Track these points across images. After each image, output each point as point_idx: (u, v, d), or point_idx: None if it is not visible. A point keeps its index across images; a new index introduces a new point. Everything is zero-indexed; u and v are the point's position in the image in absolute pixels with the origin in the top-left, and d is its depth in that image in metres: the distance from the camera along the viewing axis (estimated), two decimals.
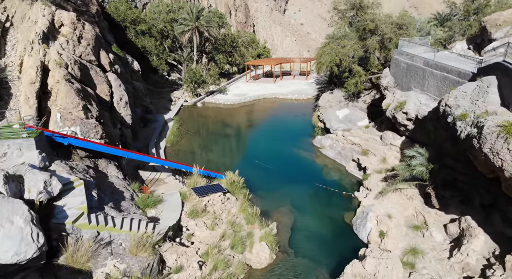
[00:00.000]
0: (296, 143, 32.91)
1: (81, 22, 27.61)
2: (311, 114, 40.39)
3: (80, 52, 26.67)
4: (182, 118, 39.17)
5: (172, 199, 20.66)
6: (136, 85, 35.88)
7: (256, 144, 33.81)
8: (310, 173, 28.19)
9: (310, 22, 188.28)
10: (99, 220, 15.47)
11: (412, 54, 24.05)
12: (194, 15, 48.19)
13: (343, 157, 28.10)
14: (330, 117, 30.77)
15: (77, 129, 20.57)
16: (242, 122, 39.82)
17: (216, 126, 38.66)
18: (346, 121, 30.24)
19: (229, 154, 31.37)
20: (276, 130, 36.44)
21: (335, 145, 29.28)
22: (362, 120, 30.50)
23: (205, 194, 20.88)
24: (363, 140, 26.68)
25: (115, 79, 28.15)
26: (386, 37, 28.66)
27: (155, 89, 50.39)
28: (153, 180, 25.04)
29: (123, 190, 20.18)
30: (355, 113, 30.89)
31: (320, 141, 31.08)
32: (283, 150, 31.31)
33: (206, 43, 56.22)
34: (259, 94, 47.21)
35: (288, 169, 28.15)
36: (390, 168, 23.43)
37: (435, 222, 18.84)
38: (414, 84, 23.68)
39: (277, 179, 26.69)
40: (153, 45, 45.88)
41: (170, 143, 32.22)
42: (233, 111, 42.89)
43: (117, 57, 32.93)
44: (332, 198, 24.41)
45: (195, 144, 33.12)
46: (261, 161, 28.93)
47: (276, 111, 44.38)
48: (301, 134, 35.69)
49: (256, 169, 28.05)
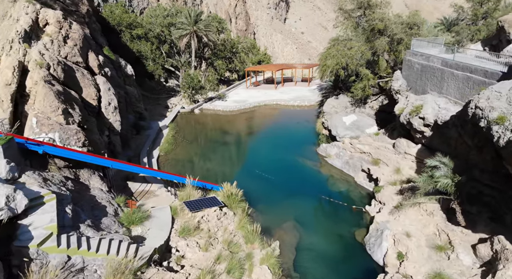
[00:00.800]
0: (299, 151, 30.64)
1: (67, 21, 25.62)
2: (315, 121, 38.20)
3: (66, 53, 24.62)
4: (178, 125, 36.98)
5: (161, 214, 18.31)
6: (129, 90, 33.79)
7: (256, 152, 31.55)
8: (315, 184, 25.88)
9: (310, 31, 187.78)
10: (71, 242, 13.13)
11: (428, 54, 21.94)
12: (192, 19, 46.39)
13: (351, 167, 25.79)
14: (336, 123, 28.56)
15: (55, 135, 18.35)
16: (241, 130, 37.62)
17: (214, 133, 36.45)
18: (354, 128, 28.01)
19: (227, 164, 29.09)
20: (277, 138, 34.20)
21: (342, 153, 26.99)
22: (371, 127, 28.27)
23: (198, 209, 18.54)
24: (373, 149, 24.41)
25: (104, 82, 26.04)
26: (396, 38, 26.62)
27: (151, 96, 48.32)
28: (142, 192, 22.75)
29: (106, 205, 17.85)
30: (363, 120, 28.68)
31: (325, 150, 28.80)
32: (285, 159, 29.02)
33: (205, 48, 54.38)
34: (259, 101, 45.10)
35: (291, 180, 25.84)
36: (405, 180, 21.10)
37: (461, 242, 16.44)
38: (431, 87, 21.50)
39: (279, 191, 24.38)
40: (149, 49, 43.92)
41: (164, 151, 29.96)
42: (232, 118, 40.73)
43: (108, 60, 30.89)
44: (340, 212, 22.05)
45: (191, 152, 30.85)
46: (262, 171, 26.63)
47: (277, 118, 42.20)
48: (304, 142, 33.43)
49: (256, 180, 25.74)
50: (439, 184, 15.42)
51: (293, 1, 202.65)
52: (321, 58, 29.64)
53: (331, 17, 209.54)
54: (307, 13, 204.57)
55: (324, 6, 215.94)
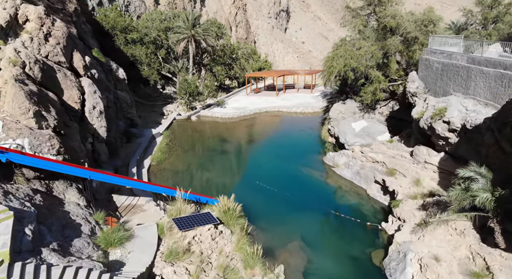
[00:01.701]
0: (304, 161, 28.07)
1: (50, 18, 23.39)
2: (319, 129, 35.74)
3: (47, 52, 22.31)
4: (174, 133, 34.50)
5: (146, 234, 15.68)
6: (121, 95, 31.43)
7: (257, 162, 28.98)
8: (323, 197, 23.27)
9: (311, 40, 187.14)
10: (26, 272, 10.51)
11: (450, 52, 19.57)
12: (190, 22, 44.37)
13: (362, 178, 23.19)
14: (345, 130, 26.05)
15: (24, 141, 15.85)
16: (241, 138, 35.12)
17: (212, 141, 33.93)
18: (364, 135, 25.51)
19: (225, 174, 26.50)
20: (280, 146, 31.67)
21: (351, 163, 24.42)
22: (383, 133, 25.77)
23: (190, 227, 15.90)
24: (388, 157, 21.86)
25: (89, 84, 23.67)
26: (410, 37, 24.30)
27: (147, 102, 45.99)
28: (128, 207, 20.14)
29: (81, 223, 15.25)
30: (373, 126, 26.19)
31: (332, 159, 26.25)
32: (288, 169, 26.45)
33: (204, 54, 52.32)
34: (260, 107, 42.71)
35: (296, 192, 23.21)
36: (427, 193, 18.48)
37: (502, 267, 13.76)
38: (454, 87, 19.06)
39: (282, 205, 21.75)
40: (144, 53, 41.71)
41: (156, 161, 27.41)
42: (232, 126, 38.27)
43: (97, 62, 28.64)
44: (352, 229, 19.38)
45: (186, 162, 28.29)
46: (263, 182, 24.06)
47: (279, 125, 39.77)
48: (309, 150, 30.89)
49: (257, 192, 23.16)
50: (478, 199, 12.81)
51: (293, 11, 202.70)
52: (327, 59, 27.29)
53: (332, 27, 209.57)
54: (308, 23, 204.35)
55: (324, 16, 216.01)
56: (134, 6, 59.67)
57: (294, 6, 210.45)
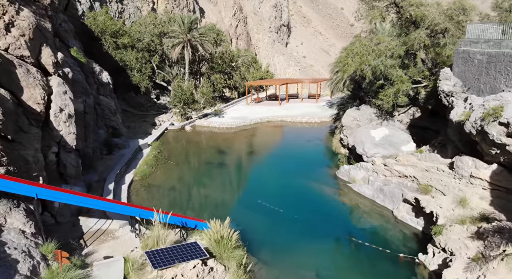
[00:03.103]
0: (313, 175, 24.03)
1: (15, 6, 19.80)
2: (328, 139, 31.80)
3: (7, 44, 18.59)
4: (164, 144, 30.55)
5: (109, 273, 11.53)
6: (104, 100, 27.66)
7: (258, 176, 24.90)
8: (339, 219, 19.15)
9: (313, 55, 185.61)
10: None
11: (498, 40, 15.81)
12: (186, 26, 41.09)
13: (387, 196, 19.07)
14: (363, 139, 22.06)
15: None
16: (240, 149, 31.14)
17: (207, 153, 29.90)
18: (386, 144, 21.52)
19: (221, 191, 22.43)
20: (284, 159, 27.66)
21: (372, 178, 20.35)
22: (407, 143, 21.79)
23: (168, 264, 11.74)
24: (419, 171, 17.80)
25: (59, 84, 19.87)
26: (439, 28, 20.64)
27: (138, 112, 42.27)
28: (98, 232, 16.10)
29: (19, 258, 11.12)
30: (396, 134, 22.23)
31: (348, 173, 22.20)
32: (296, 186, 22.39)
33: (201, 63, 48.93)
34: (262, 117, 38.89)
35: (306, 214, 19.10)
36: (478, 216, 14.35)
37: None
38: (507, 82, 15.21)
39: (290, 230, 17.62)
40: (134, 58, 38.13)
41: (140, 175, 23.36)
42: (230, 136, 34.33)
43: (75, 62, 25.02)
44: (380, 262, 15.19)
45: (175, 176, 24.22)
46: (266, 200, 19.97)
47: (283, 136, 35.88)
48: (318, 163, 26.88)
49: (259, 214, 19.05)
50: None
51: (294, 27, 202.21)
52: (340, 58, 23.46)
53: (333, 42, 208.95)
54: (309, 37, 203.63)
55: (325, 31, 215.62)
56: (129, 13, 56.77)
57: (295, 21, 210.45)
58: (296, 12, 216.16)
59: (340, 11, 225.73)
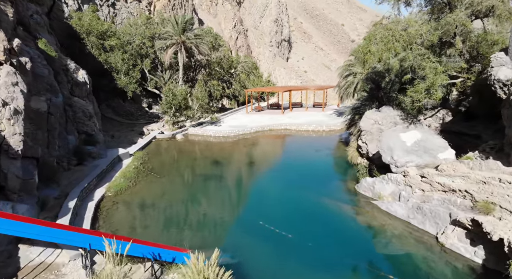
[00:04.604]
0: (327, 190, 19.61)
1: None
2: (340, 149, 27.51)
3: None
4: (150, 154, 26.24)
5: None
6: (78, 102, 23.54)
7: (259, 192, 20.45)
8: (364, 248, 14.58)
9: (314, 70, 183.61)
10: None
11: None
12: (180, 26, 37.42)
13: (427, 217, 14.61)
14: (390, 144, 17.71)
15: None
16: (238, 160, 26.75)
17: (199, 164, 25.50)
18: (420, 150, 17.17)
19: (212, 210, 17.96)
20: (290, 171, 23.28)
21: (405, 193, 15.93)
22: (445, 150, 17.43)
23: None
24: (474, 183, 13.41)
25: (8, 73, 15.75)
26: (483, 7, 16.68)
27: (125, 121, 38.18)
28: (40, 267, 11.66)
29: None
30: (430, 138, 17.90)
31: (371, 187, 17.78)
32: (306, 204, 17.95)
33: (198, 69, 45.13)
34: (263, 125, 34.70)
35: (322, 241, 14.60)
36: None
37: None
38: None
39: (302, 262, 13.08)
40: (120, 58, 34.18)
41: (114, 190, 18.96)
42: (227, 146, 30.01)
43: (41, 54, 21.03)
44: None
45: (157, 191, 19.78)
46: (270, 222, 15.52)
47: (288, 145, 31.54)
48: (331, 176, 22.54)
49: (261, 240, 14.56)
50: None
51: (295, 42, 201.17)
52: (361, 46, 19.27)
53: (334, 57, 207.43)
54: (310, 53, 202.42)
55: (326, 47, 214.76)
56: (121, 18, 53.43)
57: (295, 37, 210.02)
58: (296, 28, 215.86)
59: (341, 27, 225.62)
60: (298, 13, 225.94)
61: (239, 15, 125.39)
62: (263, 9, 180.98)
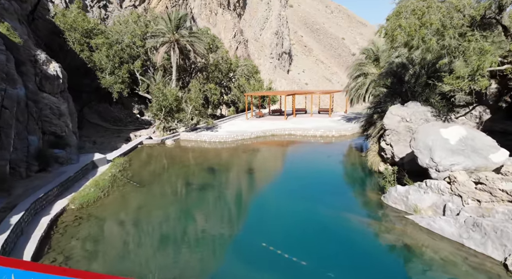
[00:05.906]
0: (344, 203, 15.75)
1: None
2: (354, 155, 23.76)
3: None
4: (133, 161, 22.48)
5: None
6: (45, 98, 19.93)
7: (262, 206, 16.51)
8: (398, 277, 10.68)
9: (315, 82, 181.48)
10: None
11: None
12: (173, 23, 34.21)
13: (490, 236, 10.75)
14: (429, 142, 13.93)
15: None
16: (236, 168, 22.88)
17: (188, 173, 21.60)
18: (467, 150, 13.41)
19: (201, 228, 14.06)
20: (299, 180, 19.41)
21: (452, 205, 12.09)
22: (497, 150, 13.69)
23: None
24: None
25: None
26: None
27: (112, 127, 34.55)
28: None
29: None
30: (477, 136, 14.16)
31: (404, 198, 13.94)
32: (320, 220, 14.07)
33: (193, 72, 41.76)
34: (265, 130, 31.04)
35: (345, 269, 10.69)
36: None
37: None
38: None
39: None
40: (104, 55, 30.73)
41: (79, 202, 15.11)
42: (223, 152, 26.21)
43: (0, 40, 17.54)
44: None
45: (134, 204, 15.90)
46: (275, 244, 11.64)
47: (294, 152, 27.67)
48: (348, 185, 18.72)
49: (264, 268, 10.63)
50: None
51: (296, 55, 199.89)
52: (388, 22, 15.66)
53: (335, 70, 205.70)
54: (311, 66, 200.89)
55: (327, 60, 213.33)
56: (113, 21, 50.38)
57: (296, 50, 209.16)
58: (297, 41, 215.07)
59: (341, 41, 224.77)
60: (299, 27, 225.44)
61: (239, 26, 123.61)
62: (264, 22, 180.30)
